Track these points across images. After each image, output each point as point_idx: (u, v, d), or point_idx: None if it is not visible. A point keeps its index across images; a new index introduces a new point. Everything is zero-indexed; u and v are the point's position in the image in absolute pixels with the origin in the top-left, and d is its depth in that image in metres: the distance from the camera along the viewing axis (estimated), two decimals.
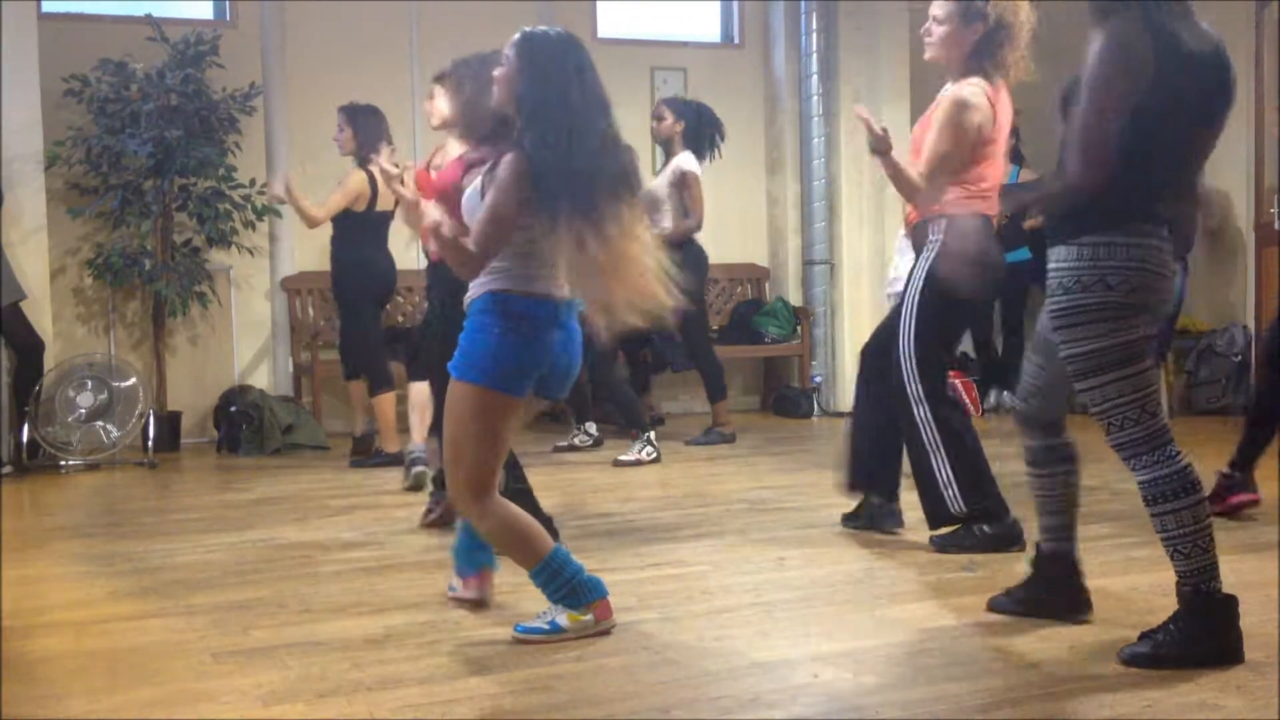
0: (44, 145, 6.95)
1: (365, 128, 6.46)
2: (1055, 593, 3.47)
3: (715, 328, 8.70)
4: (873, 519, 4.64)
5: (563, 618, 3.37)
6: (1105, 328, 3.02)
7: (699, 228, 7.10)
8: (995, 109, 4.25)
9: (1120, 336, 3.02)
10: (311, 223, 6.59)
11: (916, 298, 4.26)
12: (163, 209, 7.21)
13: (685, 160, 7.08)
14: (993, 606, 3.58)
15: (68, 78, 7.08)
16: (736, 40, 9.10)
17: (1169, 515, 3.00)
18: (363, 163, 6.48)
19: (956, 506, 4.29)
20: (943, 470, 4.28)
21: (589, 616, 3.40)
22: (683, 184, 7.03)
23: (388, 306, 7.13)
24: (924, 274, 4.25)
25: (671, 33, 8.91)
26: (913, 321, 4.25)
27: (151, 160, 7.02)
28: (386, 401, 6.57)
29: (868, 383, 4.59)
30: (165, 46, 7.15)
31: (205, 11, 7.91)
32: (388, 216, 6.58)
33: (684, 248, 7.05)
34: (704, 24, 9.10)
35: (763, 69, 9.05)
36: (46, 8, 7.39)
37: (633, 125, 7.98)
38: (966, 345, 8.50)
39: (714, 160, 7.29)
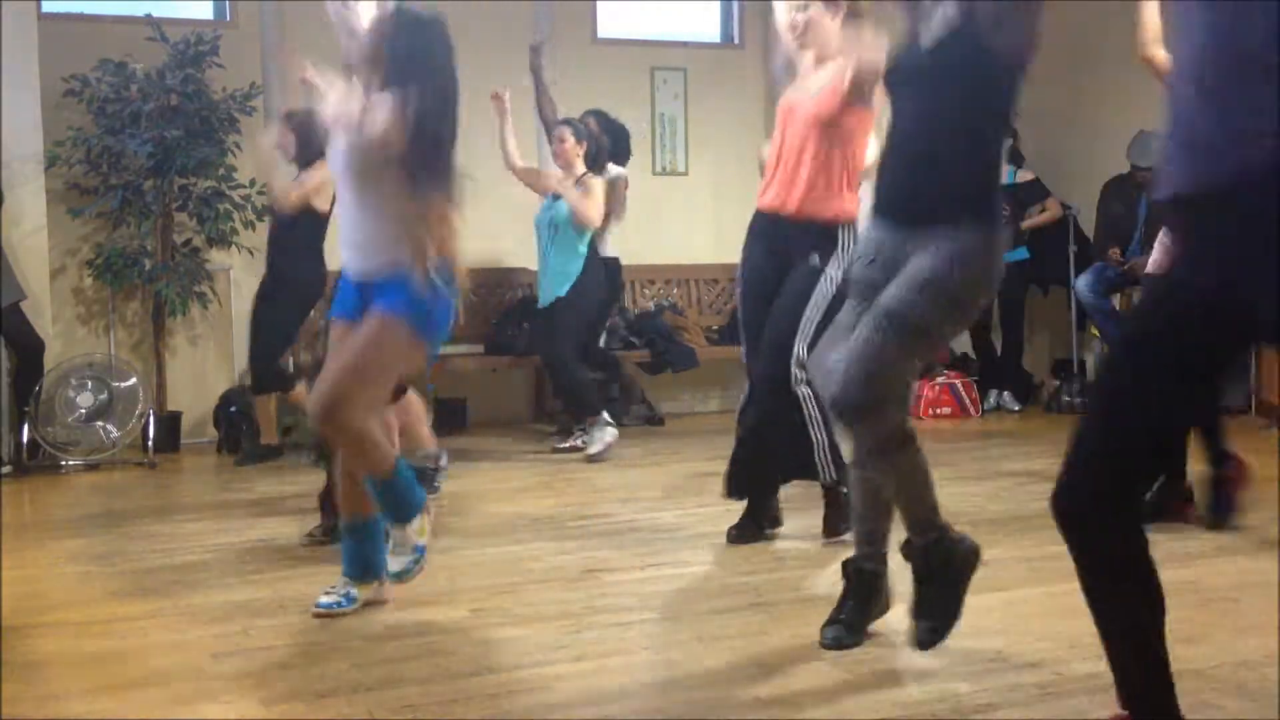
0: (44, 145, 6.94)
1: (307, 134, 6.00)
2: (876, 598, 3.35)
3: (715, 328, 8.71)
4: (761, 525, 4.61)
5: (414, 532, 3.55)
6: None
7: (598, 224, 6.80)
8: None
9: None
10: (283, 203, 6.21)
11: (830, 297, 4.24)
12: (163, 209, 7.21)
13: (611, 168, 6.98)
14: (830, 643, 3.28)
15: (68, 78, 7.07)
16: (736, 40, 9.09)
17: None
18: (307, 165, 6.23)
19: (828, 475, 4.45)
20: (822, 443, 4.42)
21: (427, 516, 3.60)
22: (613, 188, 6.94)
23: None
24: (839, 277, 4.21)
25: (671, 33, 8.89)
26: (819, 315, 4.24)
27: (151, 160, 7.01)
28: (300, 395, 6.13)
29: (773, 394, 4.48)
30: (165, 46, 7.14)
31: (205, 11, 7.91)
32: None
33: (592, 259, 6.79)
34: (704, 24, 9.09)
35: (763, 69, 9.03)
36: (46, 8, 7.38)
37: (633, 127, 8.02)
38: (966, 345, 8.50)
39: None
